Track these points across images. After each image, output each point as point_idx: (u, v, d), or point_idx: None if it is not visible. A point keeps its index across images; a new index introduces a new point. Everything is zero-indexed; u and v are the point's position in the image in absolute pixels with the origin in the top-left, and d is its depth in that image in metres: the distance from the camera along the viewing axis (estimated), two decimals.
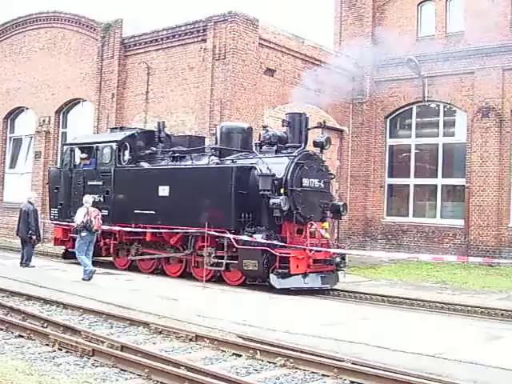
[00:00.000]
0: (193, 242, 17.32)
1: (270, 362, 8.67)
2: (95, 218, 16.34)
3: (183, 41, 24.22)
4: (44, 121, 29.63)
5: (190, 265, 17.72)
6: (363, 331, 10.74)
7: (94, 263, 17.31)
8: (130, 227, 18.46)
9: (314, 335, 10.22)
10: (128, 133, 20.10)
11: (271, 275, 15.65)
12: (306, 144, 17.19)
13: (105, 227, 18.11)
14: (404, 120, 28.87)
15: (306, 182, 16.57)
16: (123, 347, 8.75)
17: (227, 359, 8.92)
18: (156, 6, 57.67)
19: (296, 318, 11.99)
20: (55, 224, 21.28)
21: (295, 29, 26.74)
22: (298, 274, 15.75)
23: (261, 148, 17.70)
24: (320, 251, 16.16)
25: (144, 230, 18.13)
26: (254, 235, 15.86)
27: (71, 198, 20.39)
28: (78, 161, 20.83)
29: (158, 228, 17.85)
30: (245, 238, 15.85)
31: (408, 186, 28.13)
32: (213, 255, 16.74)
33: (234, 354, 9.09)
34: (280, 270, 15.59)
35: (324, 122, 18.52)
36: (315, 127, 18.23)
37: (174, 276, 17.90)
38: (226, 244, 16.39)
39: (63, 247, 21.42)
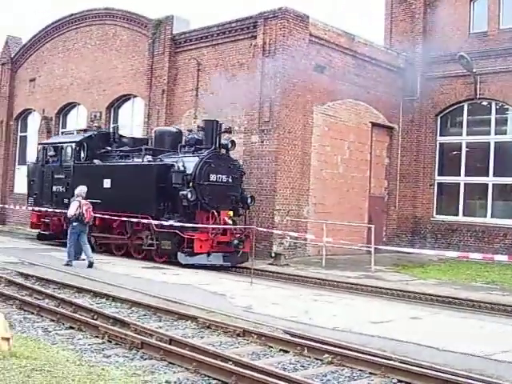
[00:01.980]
0: (130, 226, 20.31)
1: (317, 359, 8.66)
2: (86, 210, 17.62)
3: (233, 37, 24.26)
4: (95, 116, 30.02)
5: (129, 246, 20.75)
6: (411, 330, 10.66)
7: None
8: None
9: (361, 333, 10.18)
10: (86, 134, 23.79)
11: (179, 253, 18.89)
12: (219, 145, 20.09)
13: None
14: (455, 118, 28.49)
15: (213, 177, 19.62)
16: (171, 341, 8.83)
17: (274, 355, 8.94)
18: (206, 2, 58.02)
19: (344, 315, 11.95)
20: (31, 210, 25.38)
21: (345, 25, 26.63)
22: (202, 253, 18.80)
23: (184, 148, 20.65)
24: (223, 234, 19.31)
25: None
26: (169, 220, 18.81)
27: (43, 189, 24.38)
28: (49, 158, 24.39)
29: (103, 214, 20.33)
30: (163, 222, 18.84)
31: (458, 184, 27.74)
32: (149, 237, 19.76)
33: (281, 349, 9.11)
34: (186, 249, 18.80)
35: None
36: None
37: (118, 255, 20.78)
38: (150, 228, 19.46)
39: (38, 230, 25.26)
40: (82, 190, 18.05)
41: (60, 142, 24.55)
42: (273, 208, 22.32)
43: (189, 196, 18.74)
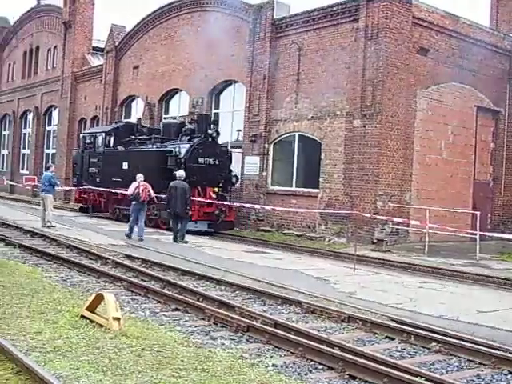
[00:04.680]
0: None
1: (423, 347, 8.52)
2: (143, 190, 19.70)
3: (335, 21, 23.98)
4: (197, 102, 30.34)
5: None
6: None
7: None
8: (110, 189, 26.24)
9: (469, 322, 9.96)
10: (114, 125, 29.40)
11: (171, 220, 21.17)
12: (210, 134, 24.15)
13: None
14: None
15: (201, 160, 23.91)
16: (276, 324, 8.86)
17: (380, 342, 8.85)
18: None
19: (450, 303, 11.71)
20: (75, 188, 30.85)
21: (449, 6, 25.90)
22: (190, 221, 21.84)
23: (183, 137, 25.07)
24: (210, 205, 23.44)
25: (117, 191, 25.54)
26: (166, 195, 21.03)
27: (82, 171, 29.61)
28: (87, 145, 29.43)
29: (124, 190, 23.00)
30: (162, 196, 21.43)
31: None
32: (155, 208, 23.79)
33: (386, 336, 9.01)
34: None
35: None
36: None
37: None
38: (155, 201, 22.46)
39: (80, 204, 30.76)
40: (140, 175, 20.26)
41: (94, 132, 30.08)
42: (375, 193, 22.05)
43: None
